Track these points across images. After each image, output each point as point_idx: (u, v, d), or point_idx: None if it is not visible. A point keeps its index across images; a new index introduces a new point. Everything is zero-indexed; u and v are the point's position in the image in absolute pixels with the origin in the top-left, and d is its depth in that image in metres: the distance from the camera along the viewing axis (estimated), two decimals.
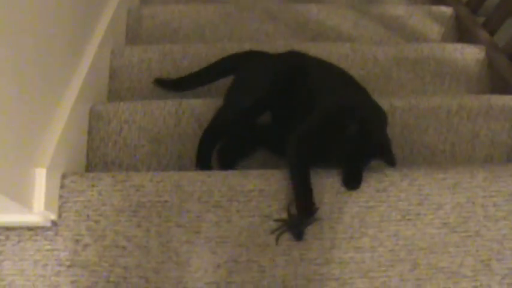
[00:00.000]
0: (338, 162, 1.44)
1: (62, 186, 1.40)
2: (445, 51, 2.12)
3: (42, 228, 1.36)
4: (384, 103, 1.64)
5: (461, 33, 2.41)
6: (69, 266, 1.35)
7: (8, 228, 1.36)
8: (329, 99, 1.55)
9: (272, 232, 1.37)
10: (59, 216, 1.37)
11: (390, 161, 1.42)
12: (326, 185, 1.42)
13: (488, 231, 1.42)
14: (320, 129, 1.45)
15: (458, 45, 2.16)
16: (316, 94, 1.57)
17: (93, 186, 1.40)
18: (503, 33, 2.21)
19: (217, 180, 1.42)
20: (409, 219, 1.41)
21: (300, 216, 1.37)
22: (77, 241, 1.36)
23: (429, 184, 1.44)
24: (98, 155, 1.67)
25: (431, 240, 1.40)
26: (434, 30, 2.42)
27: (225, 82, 1.74)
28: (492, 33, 2.24)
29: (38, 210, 1.27)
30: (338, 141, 1.41)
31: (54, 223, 1.37)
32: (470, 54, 2.12)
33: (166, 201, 1.39)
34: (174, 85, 1.93)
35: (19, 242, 1.35)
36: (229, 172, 1.46)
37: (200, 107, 1.72)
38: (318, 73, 1.65)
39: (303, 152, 1.46)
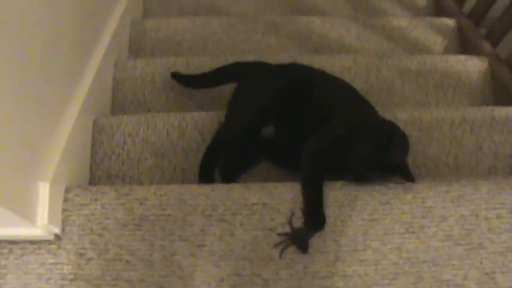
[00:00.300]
0: (355, 178, 1.44)
1: (66, 200, 1.40)
2: (448, 63, 2.12)
3: (46, 242, 1.36)
4: (387, 115, 1.65)
5: (464, 45, 2.42)
6: (72, 280, 1.35)
7: (12, 242, 1.36)
8: (346, 113, 1.56)
9: (276, 246, 1.37)
10: (62, 229, 1.37)
11: (408, 178, 1.42)
12: (329, 198, 1.42)
13: (492, 244, 1.42)
14: (338, 143, 1.46)
15: (461, 57, 2.16)
16: (326, 107, 1.58)
17: (96, 199, 1.40)
18: (505, 45, 2.21)
19: (221, 193, 1.42)
20: (412, 232, 1.41)
21: (308, 227, 1.38)
22: (81, 255, 1.36)
23: (433, 197, 1.44)
24: (101, 168, 1.67)
25: (435, 253, 1.40)
26: (437, 42, 2.42)
27: (228, 94, 1.75)
28: (495, 44, 2.25)
29: (41, 224, 1.27)
30: (356, 156, 1.41)
31: (57, 237, 1.36)
32: (473, 66, 2.13)
33: (169, 215, 1.39)
34: (185, 80, 1.96)
35: (22, 255, 1.35)
36: (233, 185, 1.46)
37: (203, 120, 1.72)
38: (323, 86, 1.66)
39: (319, 162, 1.47)
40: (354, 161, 1.41)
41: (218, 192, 1.42)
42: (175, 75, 1.96)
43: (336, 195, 1.43)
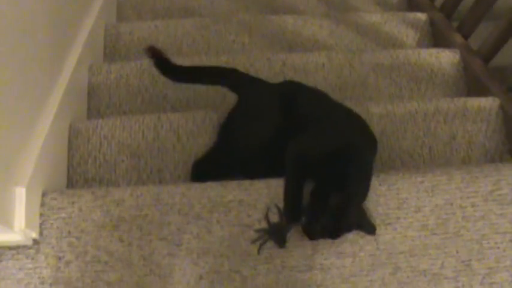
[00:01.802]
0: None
1: (43, 204, 1.40)
2: (421, 57, 2.14)
3: (24, 247, 1.36)
4: (360, 110, 1.66)
5: (436, 38, 2.44)
6: (51, 284, 1.35)
7: None
8: (334, 130, 1.57)
9: (253, 242, 1.38)
10: (40, 234, 1.37)
11: (369, 230, 1.41)
12: (305, 193, 1.42)
13: (468, 232, 1.43)
14: (320, 153, 1.46)
15: (434, 50, 2.18)
16: (306, 120, 1.58)
17: (73, 203, 1.40)
18: (477, 36, 2.23)
19: (197, 192, 1.42)
20: (388, 223, 1.42)
21: (286, 219, 1.39)
22: (59, 258, 1.36)
23: (407, 188, 1.46)
24: (78, 172, 1.67)
25: (412, 243, 1.41)
26: (410, 36, 2.44)
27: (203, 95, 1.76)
28: (466, 37, 2.27)
29: (18, 229, 1.27)
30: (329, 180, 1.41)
31: (35, 241, 1.36)
32: (445, 58, 2.15)
33: (146, 215, 1.39)
34: (168, 69, 1.82)
35: (1, 261, 1.35)
36: (209, 184, 1.46)
37: (178, 121, 1.73)
38: (307, 101, 1.66)
39: (302, 159, 1.48)
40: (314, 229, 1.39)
41: (194, 191, 1.42)
42: (158, 62, 1.82)
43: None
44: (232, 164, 1.64)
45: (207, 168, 1.66)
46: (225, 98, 1.86)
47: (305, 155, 1.48)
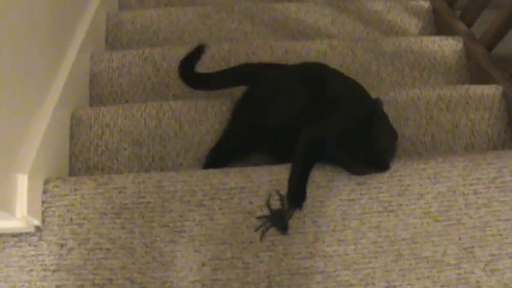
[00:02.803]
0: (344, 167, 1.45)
1: (45, 192, 1.40)
2: (423, 44, 2.14)
3: (26, 234, 1.37)
4: None
5: (439, 26, 2.43)
6: (54, 271, 1.35)
7: None
8: (350, 109, 1.57)
9: (256, 229, 1.38)
10: (43, 221, 1.38)
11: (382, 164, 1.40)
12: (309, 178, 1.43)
13: (470, 219, 1.43)
14: (337, 134, 1.45)
15: (436, 38, 2.18)
16: (331, 104, 1.58)
17: (75, 190, 1.40)
18: (480, 25, 2.23)
19: (199, 179, 1.42)
20: (391, 211, 1.42)
21: (289, 203, 1.40)
22: (62, 245, 1.36)
23: (410, 175, 1.46)
24: (80, 160, 1.67)
25: (414, 230, 1.41)
26: (412, 24, 2.43)
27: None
28: (469, 25, 2.26)
29: (21, 216, 1.28)
30: (349, 153, 1.41)
31: (38, 228, 1.37)
32: (448, 46, 2.14)
33: (148, 202, 1.39)
34: (191, 79, 1.82)
35: (3, 248, 1.35)
36: (211, 171, 1.47)
37: (180, 109, 1.73)
38: (332, 84, 1.66)
39: (312, 146, 1.48)
40: (333, 140, 1.42)
41: (196, 178, 1.42)
42: (184, 72, 1.83)
43: (313, 176, 1.44)
44: (249, 146, 1.65)
45: (222, 155, 1.67)
46: None
47: (316, 141, 1.48)
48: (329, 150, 1.44)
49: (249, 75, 1.77)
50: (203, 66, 1.99)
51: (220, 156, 1.66)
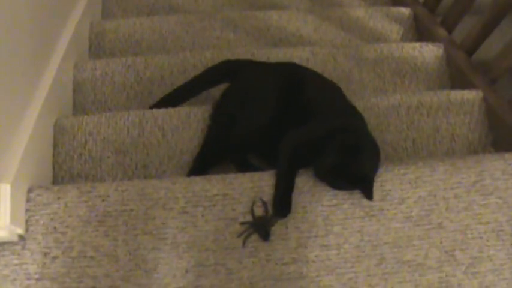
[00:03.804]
0: (320, 176, 1.46)
1: (28, 200, 1.40)
2: (404, 51, 2.15)
3: (10, 243, 1.36)
4: None
5: (420, 32, 2.45)
6: (38, 279, 1.35)
7: None
8: (328, 115, 1.60)
9: (239, 235, 1.39)
10: (26, 230, 1.38)
11: (367, 194, 1.44)
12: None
13: (451, 223, 1.45)
14: (315, 141, 1.47)
15: (417, 44, 2.19)
16: (312, 106, 1.61)
17: (59, 198, 1.41)
18: (461, 30, 2.25)
19: (182, 186, 1.43)
20: (372, 215, 1.44)
21: (275, 213, 1.41)
22: (45, 254, 1.36)
23: (391, 180, 1.47)
24: (64, 169, 1.68)
25: (396, 234, 1.42)
26: (394, 30, 2.45)
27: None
28: (450, 31, 2.28)
29: (4, 225, 1.27)
30: (324, 164, 1.42)
31: (21, 237, 1.37)
32: (429, 52, 2.16)
33: (132, 210, 1.40)
34: (168, 102, 1.86)
35: None
36: (193, 178, 1.47)
37: (163, 117, 1.73)
38: (312, 86, 1.68)
39: (295, 153, 1.50)
40: (322, 168, 1.44)
41: (179, 185, 1.43)
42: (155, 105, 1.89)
43: (296, 182, 1.45)
44: (233, 146, 1.66)
45: (205, 159, 1.68)
46: (209, 93, 1.86)
47: (298, 148, 1.50)
48: (315, 168, 1.46)
49: (229, 72, 1.82)
50: (186, 74, 2.00)
51: (203, 161, 1.67)
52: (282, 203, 1.42)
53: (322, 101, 1.64)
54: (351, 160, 1.41)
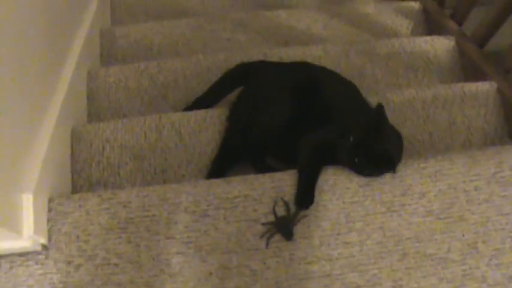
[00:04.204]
0: (343, 159, 1.47)
1: (50, 210, 1.41)
2: (416, 45, 2.15)
3: (33, 253, 1.37)
4: None
5: (430, 26, 2.45)
6: None
7: None
8: (346, 114, 1.62)
9: (262, 236, 1.39)
10: (49, 239, 1.38)
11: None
12: None
13: (472, 215, 1.44)
14: (335, 140, 1.50)
15: (428, 38, 2.19)
16: (329, 106, 1.63)
17: (80, 206, 1.41)
18: (470, 23, 2.24)
19: (203, 189, 1.43)
20: (394, 211, 1.43)
21: (298, 204, 1.41)
22: (69, 262, 1.37)
23: (411, 174, 1.47)
24: (82, 177, 1.68)
25: (417, 229, 1.42)
26: (404, 25, 2.45)
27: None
28: (460, 23, 2.27)
29: (27, 236, 1.28)
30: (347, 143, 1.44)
31: (44, 247, 1.37)
32: (440, 45, 2.16)
33: (153, 215, 1.40)
34: (197, 106, 1.89)
35: (11, 268, 1.36)
36: (213, 181, 1.48)
37: (180, 120, 1.74)
38: (327, 85, 1.69)
39: (316, 150, 1.52)
40: (346, 148, 1.44)
41: (200, 189, 1.43)
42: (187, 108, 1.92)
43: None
44: (251, 148, 1.67)
45: (228, 158, 1.69)
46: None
47: (319, 145, 1.53)
48: (338, 153, 1.46)
49: (244, 75, 1.83)
50: (200, 77, 2.00)
51: (221, 162, 1.68)
52: (304, 195, 1.43)
53: (338, 100, 1.65)
54: (373, 136, 1.42)
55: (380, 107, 1.44)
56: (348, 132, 1.44)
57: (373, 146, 1.42)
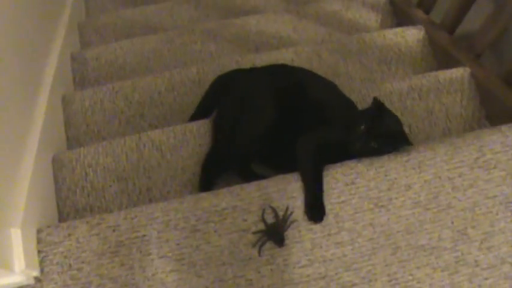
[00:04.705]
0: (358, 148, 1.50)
1: (39, 241, 1.40)
2: (387, 38, 2.17)
3: (27, 287, 1.36)
4: None
5: (398, 17, 2.46)
6: None
7: None
8: (337, 112, 1.66)
9: (254, 245, 1.39)
10: (41, 271, 1.37)
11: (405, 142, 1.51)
12: (297, 188, 1.44)
13: (459, 202, 1.46)
14: (335, 140, 1.54)
15: (398, 29, 2.21)
16: (317, 107, 1.65)
17: (69, 235, 1.40)
18: (438, 10, 2.26)
19: (190, 205, 1.43)
20: (381, 206, 1.44)
21: (310, 218, 1.42)
22: None
23: (395, 168, 1.48)
24: (68, 204, 1.67)
25: (407, 221, 1.43)
26: (372, 18, 2.46)
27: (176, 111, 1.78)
28: (427, 11, 2.29)
29: (19, 270, 1.27)
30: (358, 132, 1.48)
31: (37, 279, 1.36)
32: (410, 36, 2.17)
33: (144, 236, 1.40)
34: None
35: None
36: (200, 195, 1.47)
37: (159, 137, 1.74)
38: (313, 85, 1.69)
39: (317, 155, 1.52)
40: (359, 138, 1.47)
41: (187, 204, 1.43)
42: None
43: (302, 185, 1.46)
44: (236, 156, 1.67)
45: (215, 168, 1.69)
46: None
47: (318, 149, 1.53)
48: (352, 146, 1.49)
49: (223, 86, 1.84)
50: (175, 91, 2.00)
51: (209, 173, 1.68)
52: (316, 206, 1.44)
53: (325, 98, 1.67)
54: (380, 121, 1.48)
55: (377, 98, 1.51)
56: (354, 125, 1.48)
57: (384, 128, 1.48)
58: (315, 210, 1.43)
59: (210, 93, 1.89)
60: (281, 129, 1.61)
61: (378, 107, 1.51)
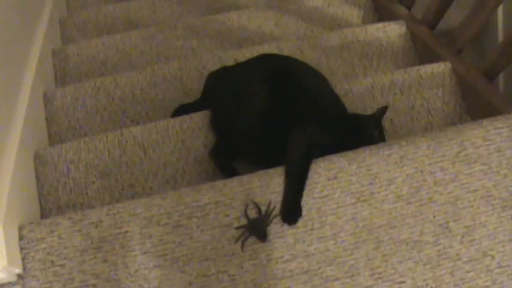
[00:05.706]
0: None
1: (21, 238, 1.39)
2: (368, 33, 2.17)
3: (9, 284, 1.35)
4: None
5: (380, 12, 2.47)
6: None
7: None
8: (327, 105, 1.69)
9: (236, 240, 1.39)
10: (24, 268, 1.37)
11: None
12: (280, 183, 1.45)
13: (441, 196, 1.46)
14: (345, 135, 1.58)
15: (380, 25, 2.21)
16: (306, 97, 1.65)
17: (52, 231, 1.40)
18: (419, 5, 2.27)
19: (172, 200, 1.43)
20: (364, 200, 1.45)
21: (283, 219, 1.41)
22: None
23: (377, 162, 1.48)
24: (50, 200, 1.67)
25: (389, 215, 1.44)
26: (354, 14, 2.47)
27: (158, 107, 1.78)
28: (409, 7, 2.30)
29: (1, 267, 1.26)
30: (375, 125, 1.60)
31: (20, 276, 1.36)
32: (392, 31, 2.18)
33: (127, 232, 1.39)
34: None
35: None
36: (182, 190, 1.47)
37: (142, 133, 1.73)
38: (300, 75, 1.70)
39: (307, 153, 1.50)
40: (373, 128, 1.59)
41: (169, 200, 1.43)
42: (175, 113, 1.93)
43: (284, 179, 1.46)
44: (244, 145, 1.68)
45: (228, 152, 1.71)
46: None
47: (310, 146, 1.52)
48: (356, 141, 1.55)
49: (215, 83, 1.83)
50: (157, 87, 2.00)
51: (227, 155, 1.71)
52: (292, 207, 1.43)
53: (318, 89, 1.68)
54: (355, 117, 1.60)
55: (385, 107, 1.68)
56: (369, 131, 1.61)
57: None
58: (291, 212, 1.42)
59: (204, 96, 1.88)
60: (274, 120, 1.61)
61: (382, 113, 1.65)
